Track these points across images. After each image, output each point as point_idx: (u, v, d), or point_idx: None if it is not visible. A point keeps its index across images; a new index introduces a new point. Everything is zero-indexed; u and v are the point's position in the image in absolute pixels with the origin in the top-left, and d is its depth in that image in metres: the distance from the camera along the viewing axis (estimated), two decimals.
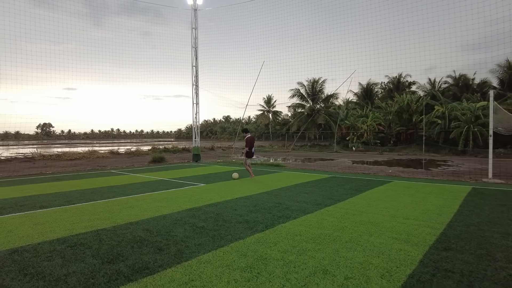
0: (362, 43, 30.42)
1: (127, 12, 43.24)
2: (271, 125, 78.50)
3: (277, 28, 24.59)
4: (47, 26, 16.72)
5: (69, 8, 26.37)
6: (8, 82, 14.79)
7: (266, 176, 12.50)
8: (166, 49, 24.64)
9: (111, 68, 19.11)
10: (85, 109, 73.16)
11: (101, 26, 25.43)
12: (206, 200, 7.77)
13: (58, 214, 6.46)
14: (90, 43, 23.45)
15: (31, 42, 16.69)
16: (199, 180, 11.36)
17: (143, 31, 48.37)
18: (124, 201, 7.69)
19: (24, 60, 15.76)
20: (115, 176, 12.95)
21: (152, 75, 28.86)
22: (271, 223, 5.76)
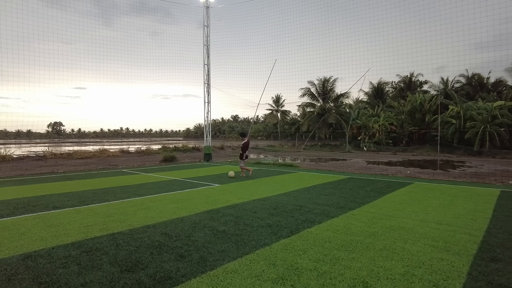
0: (373, 41, 29.90)
1: (136, 12, 43.27)
2: (280, 124, 78.02)
3: (287, 26, 24.22)
4: (58, 26, 16.65)
5: (80, 8, 26.39)
6: (21, 81, 14.73)
7: (280, 177, 12.15)
8: (174, 49, 24.48)
9: (120, 67, 18.95)
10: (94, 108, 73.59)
11: (111, 25, 25.45)
12: (223, 202, 7.47)
13: (71, 215, 6.21)
14: (100, 42, 23.38)
15: (43, 42, 16.64)
16: (213, 180, 11.07)
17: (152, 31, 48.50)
18: (138, 202, 7.42)
19: (36, 59, 15.70)
20: (127, 175, 12.74)
21: (160, 74, 28.74)
22: (295, 228, 5.42)
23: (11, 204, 7.24)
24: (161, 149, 29.50)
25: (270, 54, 34.35)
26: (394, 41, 18.68)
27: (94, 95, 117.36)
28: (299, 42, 23.60)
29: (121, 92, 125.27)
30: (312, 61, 36.42)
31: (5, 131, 72.05)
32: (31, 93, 26.21)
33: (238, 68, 36.10)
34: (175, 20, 44.15)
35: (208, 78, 19.12)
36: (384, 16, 18.79)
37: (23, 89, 14.72)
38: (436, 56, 29.67)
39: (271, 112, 79.57)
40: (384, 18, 18.61)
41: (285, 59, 39.41)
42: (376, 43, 24.96)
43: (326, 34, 27.70)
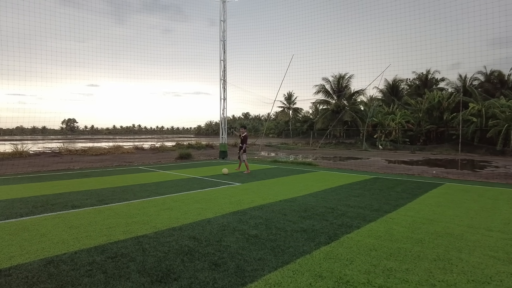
0: (387, 38, 29.08)
1: (148, 10, 43.16)
2: (292, 122, 77.30)
3: (301, 22, 23.66)
4: (73, 24, 16.56)
5: (94, 6, 26.52)
6: (37, 79, 14.68)
7: (302, 176, 11.70)
8: (186, 46, 24.23)
9: (132, 65, 18.89)
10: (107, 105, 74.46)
11: (123, 23, 25.43)
12: (248, 202, 7.07)
13: (92, 215, 5.90)
14: (113, 40, 23.43)
15: (58, 40, 16.55)
16: (233, 179, 10.69)
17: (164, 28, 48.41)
18: (160, 202, 7.08)
19: (51, 57, 15.62)
20: (145, 173, 12.47)
21: (172, 71, 28.63)
22: (333, 233, 4.98)
23: (30, 202, 6.98)
24: (175, 146, 29.33)
25: (283, 51, 33.71)
26: (409, 38, 18.02)
27: (106, 93, 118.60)
28: (312, 39, 23.06)
29: (133, 90, 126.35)
30: (326, 58, 35.74)
31: (21, 127, 73.32)
32: (46, 90, 26.49)
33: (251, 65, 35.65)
34: (186, 18, 44.02)
35: (224, 74, 18.74)
36: (397, 13, 18.13)
37: (38, 86, 14.63)
38: (452, 52, 28.67)
39: (283, 109, 78.90)
40: (398, 14, 17.96)
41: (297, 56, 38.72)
42: (390, 39, 24.17)
43: (341, 31, 27.03)
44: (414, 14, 17.70)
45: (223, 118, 19.34)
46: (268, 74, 25.42)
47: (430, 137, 39.81)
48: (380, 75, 23.12)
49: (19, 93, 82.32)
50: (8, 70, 13.22)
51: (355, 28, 33.49)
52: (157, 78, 25.10)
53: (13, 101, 39.80)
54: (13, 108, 18.40)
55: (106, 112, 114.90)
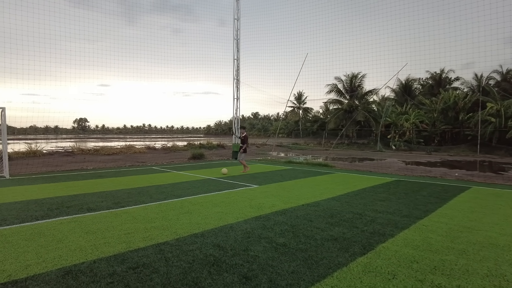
0: (399, 38, 28.37)
1: (158, 10, 43.22)
2: (302, 122, 76.71)
3: (313, 22, 23.17)
4: (84, 25, 16.60)
5: (105, 7, 26.70)
6: (50, 79, 14.71)
7: (320, 178, 11.32)
8: (196, 47, 24.07)
9: (143, 65, 18.89)
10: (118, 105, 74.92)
11: (134, 24, 25.44)
12: (269, 206, 6.74)
13: (108, 219, 5.65)
14: (124, 40, 23.52)
15: (70, 41, 16.57)
16: (249, 181, 10.38)
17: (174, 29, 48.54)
18: (178, 205, 6.81)
19: (64, 58, 15.69)
20: (159, 173, 12.25)
21: (182, 72, 28.57)
22: (366, 242, 4.63)
23: (45, 204, 6.78)
24: (186, 146, 29.19)
25: (294, 50, 33.22)
26: (421, 37, 17.47)
27: (117, 92, 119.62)
28: (323, 37, 22.54)
29: (144, 89, 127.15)
30: (338, 57, 35.18)
31: (34, 126, 74.36)
32: (58, 90, 26.72)
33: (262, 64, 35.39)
34: (196, 18, 43.88)
35: (237, 73, 18.45)
36: (409, 12, 17.63)
37: (51, 86, 14.70)
38: (467, 51, 27.88)
39: (293, 109, 78.40)
40: (409, 13, 17.46)
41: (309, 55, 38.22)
42: (403, 38, 23.52)
43: (354, 29, 26.52)
44: (426, 13, 17.17)
45: (236, 118, 19.05)
46: (279, 73, 25.07)
47: (445, 137, 38.91)
48: (396, 74, 22.53)
49: (33, 93, 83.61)
50: (23, 70, 13.25)
51: (367, 27, 32.84)
52: (167, 78, 25.19)
53: (27, 101, 40.30)
54: (27, 108, 18.47)
55: (117, 111, 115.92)
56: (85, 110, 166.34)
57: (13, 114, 17.02)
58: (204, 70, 23.80)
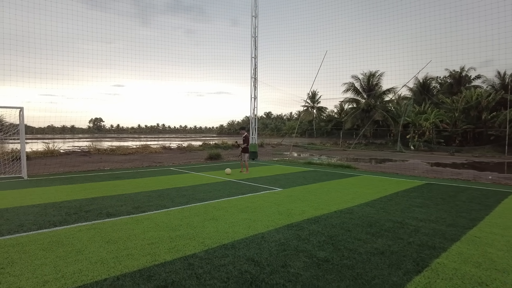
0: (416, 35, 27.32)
1: (172, 11, 43.26)
2: (315, 121, 75.82)
3: (327, 20, 22.49)
4: (99, 26, 16.64)
5: (119, 8, 26.86)
6: (67, 79, 14.78)
7: (346, 181, 10.76)
8: (208, 47, 23.80)
9: (156, 65, 18.69)
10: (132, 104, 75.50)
11: (148, 25, 25.49)
12: (299, 213, 6.26)
13: (129, 227, 5.27)
14: (138, 41, 23.52)
15: (86, 42, 16.57)
16: (272, 183, 9.91)
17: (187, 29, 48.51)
18: (201, 210, 6.40)
19: (80, 59, 15.76)
20: (177, 174, 11.91)
21: (195, 72, 28.48)
22: (417, 257, 4.10)
23: (63, 208, 6.47)
24: (201, 145, 28.94)
25: (309, 48, 32.38)
26: (439, 34, 16.65)
27: (132, 92, 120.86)
28: (339, 36, 21.83)
29: (157, 90, 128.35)
30: (354, 56, 34.32)
31: (52, 126, 75.62)
32: (74, 91, 26.90)
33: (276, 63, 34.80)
34: (209, 18, 43.69)
35: (255, 72, 18.00)
36: (425, 9, 16.86)
37: (67, 86, 14.70)
38: (486, 48, 26.65)
39: (307, 108, 77.59)
40: (426, 11, 16.70)
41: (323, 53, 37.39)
42: (421, 36, 22.48)
43: (371, 27, 25.67)
44: (443, 10, 16.37)
45: (253, 117, 18.61)
46: (293, 72, 24.43)
47: (466, 138, 37.59)
48: (420, 71, 21.70)
49: (51, 93, 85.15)
50: (41, 71, 13.30)
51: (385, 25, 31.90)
52: (181, 78, 25.05)
53: (45, 101, 40.84)
54: (45, 108, 18.51)
55: (131, 111, 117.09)
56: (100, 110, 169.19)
57: (31, 114, 17.21)
58: (217, 70, 23.73)
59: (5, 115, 12.63)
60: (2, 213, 6.10)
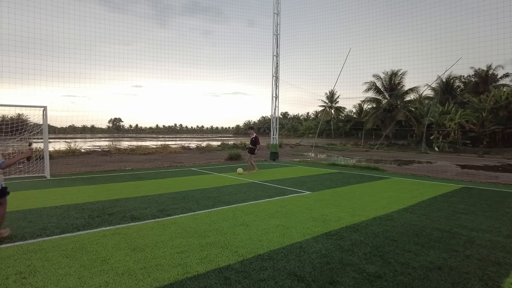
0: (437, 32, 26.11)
1: (189, 12, 43.44)
2: (333, 121, 74.74)
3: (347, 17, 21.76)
4: (119, 28, 16.88)
5: (138, 10, 27.07)
6: (88, 81, 14.94)
7: (377, 184, 10.19)
8: (225, 48, 23.61)
9: (174, 66, 18.63)
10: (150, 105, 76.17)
11: (166, 26, 25.64)
12: (335, 219, 5.79)
13: (156, 232, 4.94)
14: (156, 43, 23.55)
15: (105, 44, 16.72)
16: (298, 185, 9.46)
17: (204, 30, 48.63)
18: (229, 214, 6.02)
19: (100, 60, 16.03)
20: (199, 175, 11.61)
21: (211, 72, 28.33)
22: (483, 274, 3.58)
23: (86, 210, 6.23)
24: (220, 146, 28.73)
25: (325, 47, 31.59)
26: (465, 31, 15.68)
27: (150, 93, 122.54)
28: (358, 34, 21.12)
29: (175, 90, 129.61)
30: (375, 54, 33.31)
31: (73, 126, 77.43)
32: (95, 91, 27.40)
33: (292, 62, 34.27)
34: (226, 19, 43.67)
35: (277, 70, 17.56)
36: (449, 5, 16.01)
37: (88, 87, 14.89)
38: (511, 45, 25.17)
39: (324, 108, 76.62)
40: (450, 7, 15.85)
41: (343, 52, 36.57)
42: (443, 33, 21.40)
43: (393, 25, 24.71)
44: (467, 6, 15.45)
45: (274, 117, 18.17)
46: (312, 71, 23.84)
47: (495, 139, 36.02)
48: (449, 68, 20.77)
49: (72, 94, 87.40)
50: (64, 73, 13.58)
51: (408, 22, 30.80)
52: (197, 79, 25.11)
53: (67, 102, 41.76)
54: (67, 108, 18.83)
55: (149, 111, 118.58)
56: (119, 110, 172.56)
57: (54, 114, 17.46)
58: (233, 70, 23.60)
59: (30, 115, 12.78)
60: (26, 214, 5.91)
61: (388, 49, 39.25)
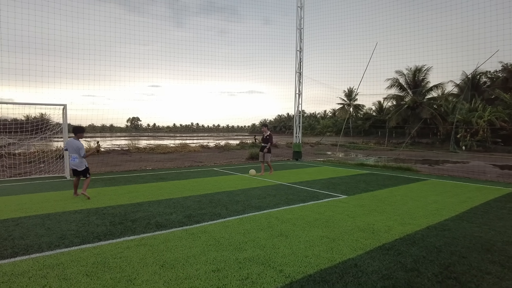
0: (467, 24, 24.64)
1: (205, 12, 43.29)
2: (352, 119, 73.22)
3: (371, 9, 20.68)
4: (137, 29, 17.04)
5: (155, 11, 27.27)
6: (107, 81, 14.94)
7: (414, 187, 9.39)
8: (240, 47, 23.36)
9: (190, 66, 18.43)
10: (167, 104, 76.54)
11: (182, 26, 25.58)
12: (385, 229, 5.10)
13: (185, 243, 4.38)
14: (173, 43, 23.43)
15: (123, 45, 16.74)
16: (331, 188, 8.77)
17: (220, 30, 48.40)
18: (263, 222, 5.41)
19: (118, 61, 16.30)
20: (222, 176, 11.08)
21: (227, 71, 28.02)
22: None
23: (107, 215, 5.75)
24: (239, 144, 28.22)
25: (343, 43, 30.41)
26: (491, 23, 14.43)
27: (167, 93, 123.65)
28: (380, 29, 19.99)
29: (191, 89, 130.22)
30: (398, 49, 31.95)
31: (92, 125, 78.68)
32: (113, 91, 27.59)
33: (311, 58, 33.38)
34: (241, 18, 43.25)
35: (300, 66, 16.83)
36: None
37: (107, 87, 14.90)
38: None
39: (342, 106, 75.19)
40: None
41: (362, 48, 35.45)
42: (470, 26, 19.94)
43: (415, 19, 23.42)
44: None
45: (297, 115, 17.47)
46: (330, 68, 22.88)
47: None
48: (485, 61, 19.50)
49: (92, 94, 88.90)
50: (84, 74, 13.80)
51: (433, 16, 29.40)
52: (213, 78, 25.03)
53: (87, 102, 42.26)
54: (87, 108, 18.84)
55: (167, 111, 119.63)
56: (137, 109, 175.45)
57: (74, 113, 17.57)
58: (248, 69, 23.41)
59: (52, 114, 12.75)
60: (44, 220, 5.47)
61: (411, 44, 37.72)
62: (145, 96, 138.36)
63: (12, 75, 11.38)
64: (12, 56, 11.50)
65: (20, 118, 15.24)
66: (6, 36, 11.36)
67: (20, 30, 11.59)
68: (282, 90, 39.16)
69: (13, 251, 4.04)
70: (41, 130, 11.90)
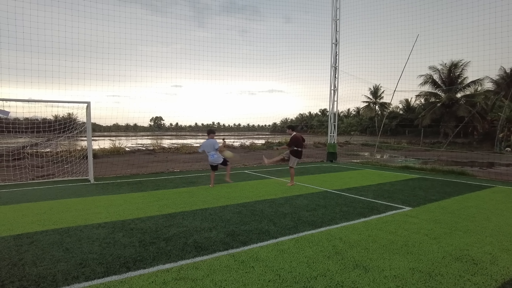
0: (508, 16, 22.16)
1: (226, 12, 42.88)
2: (378, 118, 70.71)
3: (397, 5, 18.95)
4: (160, 29, 16.71)
5: (178, 12, 27.79)
6: (130, 81, 14.69)
7: (484, 195, 8.05)
8: (261, 46, 22.80)
9: (212, 65, 17.79)
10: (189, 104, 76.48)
11: (204, 26, 25.26)
12: (489, 260, 3.92)
13: (237, 278, 3.38)
14: (195, 43, 23.17)
15: (146, 45, 16.68)
16: (386, 197, 7.58)
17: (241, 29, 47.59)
18: (326, 244, 4.33)
19: (141, 61, 16.24)
20: (256, 180, 10.11)
21: (247, 71, 27.39)
22: None
23: (135, 231, 4.84)
24: (264, 144, 27.21)
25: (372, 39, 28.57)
26: None
27: (189, 92, 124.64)
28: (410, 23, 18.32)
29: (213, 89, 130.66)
30: (431, 44, 29.87)
31: (117, 124, 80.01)
32: (137, 91, 27.62)
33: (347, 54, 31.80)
34: (262, 17, 42.74)
35: (335, 60, 15.59)
36: None
37: (131, 87, 14.59)
38: None
39: (368, 104, 72.78)
40: None
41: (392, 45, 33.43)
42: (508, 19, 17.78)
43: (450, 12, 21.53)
44: None
45: (333, 113, 16.25)
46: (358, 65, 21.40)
47: None
48: None
49: (116, 94, 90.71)
50: (109, 75, 13.74)
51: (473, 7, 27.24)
52: (234, 77, 24.46)
53: (111, 101, 42.55)
54: (112, 108, 18.62)
55: (189, 110, 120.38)
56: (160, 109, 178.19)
57: (98, 113, 17.49)
58: (269, 68, 23.09)
59: (79, 114, 12.45)
60: (62, 236, 4.62)
61: (446, 38, 35.46)
62: (168, 95, 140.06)
63: (41, 77, 11.46)
64: (42, 58, 11.54)
65: (49, 117, 15.15)
66: (36, 38, 11.30)
67: (49, 35, 11.68)
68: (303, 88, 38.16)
69: (20, 285, 3.17)
70: (68, 129, 11.48)
